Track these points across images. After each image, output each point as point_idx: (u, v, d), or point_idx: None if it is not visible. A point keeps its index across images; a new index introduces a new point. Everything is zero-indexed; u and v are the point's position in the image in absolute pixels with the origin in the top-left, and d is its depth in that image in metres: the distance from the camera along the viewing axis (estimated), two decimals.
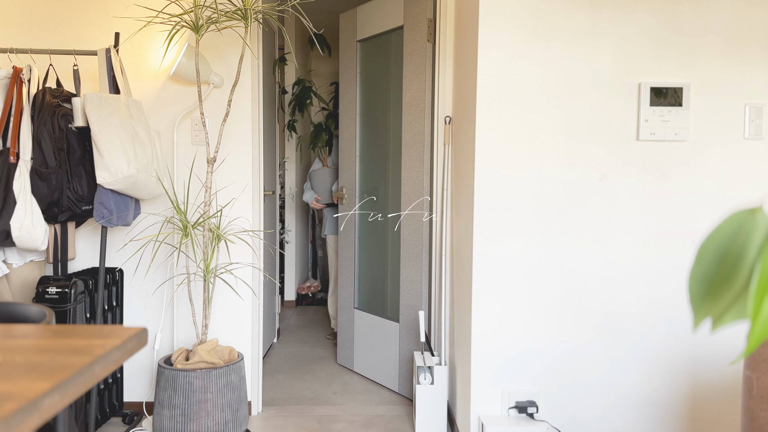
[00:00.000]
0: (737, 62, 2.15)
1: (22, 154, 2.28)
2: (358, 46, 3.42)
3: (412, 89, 2.99)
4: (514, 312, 2.18)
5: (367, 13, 3.31)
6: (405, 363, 3.05)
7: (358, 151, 3.46)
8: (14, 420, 0.54)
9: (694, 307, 0.52)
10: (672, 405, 2.19)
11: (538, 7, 2.12)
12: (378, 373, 3.26)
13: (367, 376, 3.35)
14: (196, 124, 2.74)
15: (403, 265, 3.06)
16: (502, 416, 2.18)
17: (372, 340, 3.30)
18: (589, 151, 2.15)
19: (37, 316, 1.39)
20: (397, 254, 3.14)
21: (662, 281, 2.17)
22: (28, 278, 2.45)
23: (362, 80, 3.42)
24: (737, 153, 2.16)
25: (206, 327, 2.48)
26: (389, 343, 3.17)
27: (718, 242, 0.50)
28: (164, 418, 2.34)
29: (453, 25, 2.76)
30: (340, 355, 3.56)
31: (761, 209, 0.49)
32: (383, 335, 3.20)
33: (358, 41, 3.41)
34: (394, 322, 3.13)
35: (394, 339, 3.12)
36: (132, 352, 0.79)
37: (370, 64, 3.34)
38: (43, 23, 2.73)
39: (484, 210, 2.16)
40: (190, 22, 2.37)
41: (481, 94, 2.14)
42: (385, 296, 3.25)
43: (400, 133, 3.13)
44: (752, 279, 0.46)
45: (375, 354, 3.28)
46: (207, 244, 2.45)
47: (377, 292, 3.30)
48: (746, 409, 1.44)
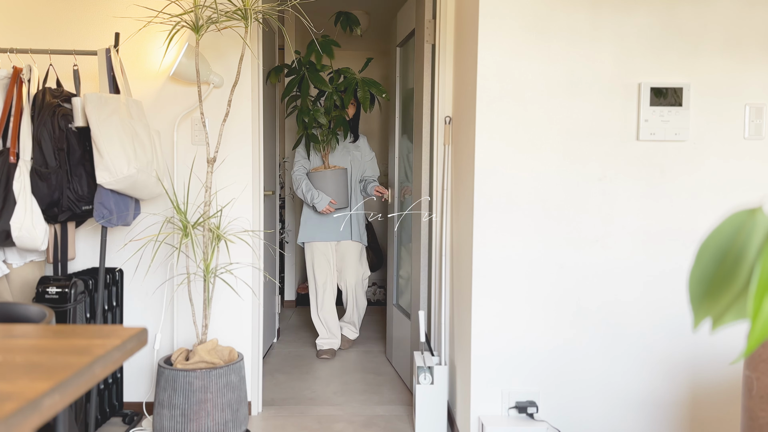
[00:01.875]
0: (737, 62, 2.15)
1: (22, 154, 2.28)
2: (398, 51, 3.58)
3: (418, 90, 3.02)
4: (514, 312, 2.18)
5: (403, 17, 3.41)
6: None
7: (397, 153, 3.53)
8: (14, 420, 0.54)
9: (694, 307, 0.52)
10: (672, 405, 2.19)
11: (538, 7, 2.12)
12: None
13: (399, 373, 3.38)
14: (196, 124, 2.74)
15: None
16: (502, 416, 2.18)
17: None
18: (589, 151, 2.15)
19: (37, 316, 1.39)
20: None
21: (662, 281, 2.17)
22: (28, 278, 2.45)
23: (401, 84, 3.59)
24: (737, 153, 2.16)
25: (206, 327, 2.48)
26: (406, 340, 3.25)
27: (718, 242, 0.50)
28: (164, 418, 2.34)
29: (453, 26, 2.76)
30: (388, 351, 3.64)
31: (761, 209, 0.49)
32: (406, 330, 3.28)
33: (397, 46, 3.56)
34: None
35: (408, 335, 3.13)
36: (132, 352, 0.79)
37: (402, 68, 3.55)
38: (43, 23, 2.73)
39: (484, 210, 2.16)
40: (190, 22, 2.37)
41: (481, 94, 2.14)
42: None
43: (411, 134, 3.21)
44: (752, 279, 0.46)
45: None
46: (207, 244, 2.45)
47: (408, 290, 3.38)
48: (746, 409, 1.44)
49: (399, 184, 3.54)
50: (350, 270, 3.79)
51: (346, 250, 3.77)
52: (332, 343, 3.80)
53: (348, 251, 3.78)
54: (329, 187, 3.54)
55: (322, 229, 3.72)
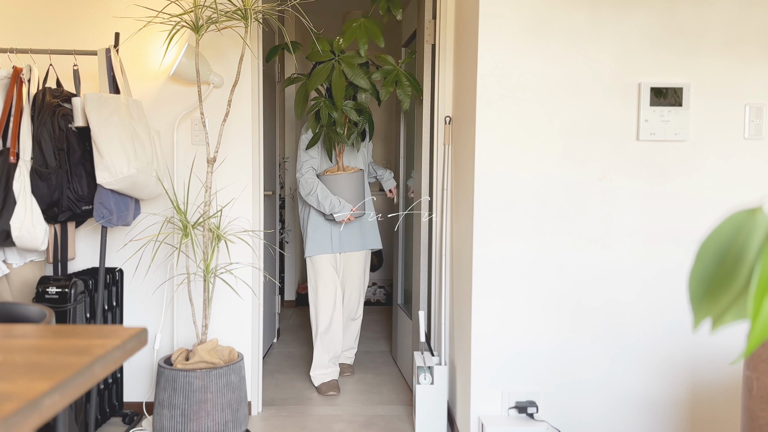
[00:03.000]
0: (737, 62, 2.15)
1: (22, 154, 2.28)
2: (403, 51, 3.57)
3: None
4: (514, 312, 2.18)
5: (407, 18, 3.42)
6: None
7: (402, 152, 3.51)
8: (14, 420, 0.54)
9: (694, 307, 0.52)
10: (672, 405, 2.19)
11: (538, 7, 2.12)
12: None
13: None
14: (196, 124, 2.74)
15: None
16: (502, 416, 2.18)
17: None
18: (589, 151, 2.15)
19: (37, 316, 1.39)
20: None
21: (662, 281, 2.17)
22: (28, 278, 2.45)
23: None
24: (737, 153, 2.16)
25: (206, 327, 2.48)
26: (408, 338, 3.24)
27: (718, 242, 0.50)
28: (164, 418, 2.34)
29: (453, 26, 2.76)
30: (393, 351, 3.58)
31: (761, 209, 0.49)
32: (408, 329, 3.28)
33: (402, 46, 3.56)
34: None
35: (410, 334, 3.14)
36: (132, 352, 0.79)
37: (409, 68, 3.46)
38: (43, 23, 2.73)
39: (484, 210, 2.16)
40: (190, 22, 2.37)
41: (481, 94, 2.14)
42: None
43: (413, 134, 3.21)
44: (752, 279, 0.46)
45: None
46: (207, 244, 2.45)
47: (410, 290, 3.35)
48: (746, 409, 1.44)
49: (405, 183, 3.55)
50: (355, 282, 3.31)
51: (352, 259, 3.28)
52: (333, 372, 3.22)
53: (354, 261, 3.28)
54: (346, 192, 3.06)
55: (337, 238, 3.19)
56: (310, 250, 3.15)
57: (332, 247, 3.16)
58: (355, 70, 2.88)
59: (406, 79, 2.90)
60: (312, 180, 3.05)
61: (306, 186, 3.06)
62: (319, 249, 3.15)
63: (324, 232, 3.17)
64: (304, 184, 3.07)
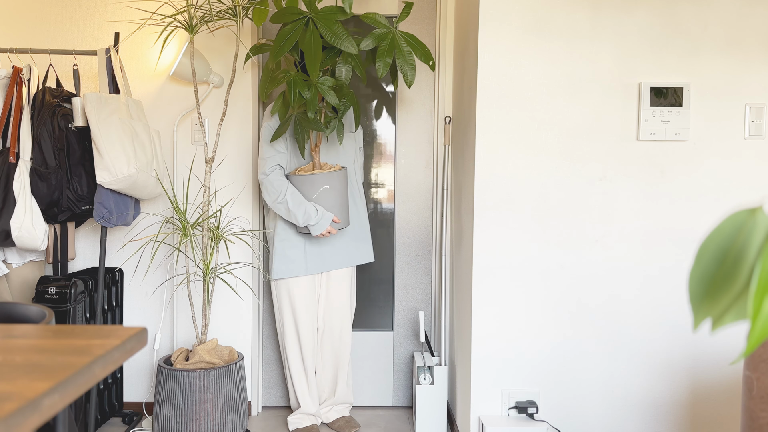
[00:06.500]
0: (737, 62, 2.15)
1: (21, 154, 2.28)
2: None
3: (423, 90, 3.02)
4: (514, 312, 2.18)
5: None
6: (400, 370, 3.03)
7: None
8: (14, 420, 0.54)
9: (694, 307, 0.52)
10: (672, 405, 2.19)
11: (538, 7, 2.12)
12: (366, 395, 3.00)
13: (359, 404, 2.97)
14: (195, 124, 2.74)
15: (399, 269, 3.03)
16: (502, 416, 2.18)
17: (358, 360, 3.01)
18: (589, 151, 2.15)
19: (36, 316, 1.39)
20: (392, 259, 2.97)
21: (662, 281, 2.17)
22: (28, 278, 2.45)
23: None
24: (737, 153, 2.16)
25: (206, 327, 2.48)
26: (382, 356, 2.98)
27: (718, 242, 0.50)
28: (164, 419, 2.34)
29: (453, 26, 2.76)
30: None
31: (761, 209, 0.49)
32: (374, 350, 2.98)
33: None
34: (388, 331, 2.96)
35: (387, 349, 2.96)
36: (132, 352, 0.79)
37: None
38: (43, 23, 2.73)
39: (485, 210, 2.16)
40: (184, 22, 2.37)
41: (481, 94, 2.14)
42: (374, 307, 2.99)
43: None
44: (752, 279, 0.46)
45: (363, 374, 3.00)
46: (206, 244, 2.45)
47: (365, 306, 2.99)
48: (746, 409, 1.44)
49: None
50: (337, 311, 2.58)
51: (333, 279, 2.56)
52: (316, 417, 2.61)
53: (336, 281, 2.56)
54: (326, 198, 2.38)
55: (315, 254, 2.49)
56: (278, 271, 2.47)
57: (307, 267, 2.48)
58: (335, 29, 2.15)
59: (406, 42, 2.20)
60: (280, 182, 2.38)
61: (272, 190, 2.38)
62: (291, 270, 2.47)
63: (296, 246, 2.48)
64: (269, 187, 2.39)
